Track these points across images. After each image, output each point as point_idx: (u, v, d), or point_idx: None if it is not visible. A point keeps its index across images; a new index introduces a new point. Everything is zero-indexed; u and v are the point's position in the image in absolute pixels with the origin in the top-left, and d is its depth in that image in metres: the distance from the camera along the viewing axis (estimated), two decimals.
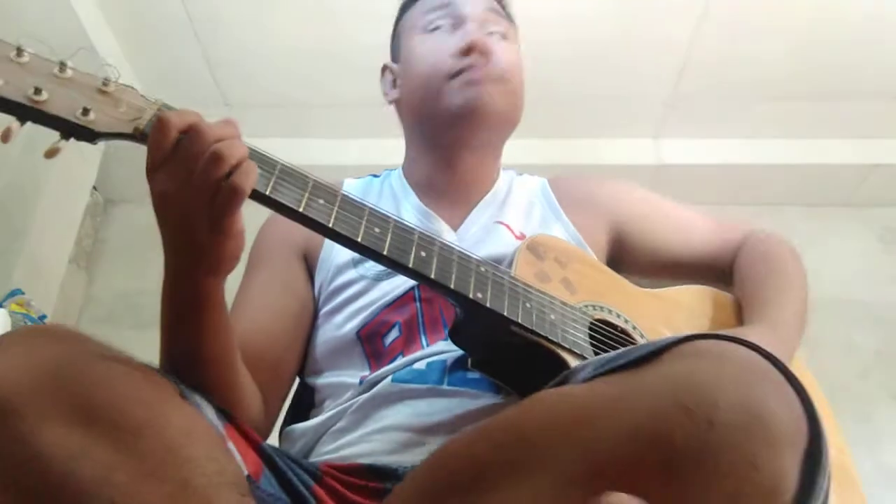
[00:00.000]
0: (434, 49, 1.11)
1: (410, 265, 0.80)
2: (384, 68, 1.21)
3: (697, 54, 2.06)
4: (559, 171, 2.15)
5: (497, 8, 1.16)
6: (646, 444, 0.53)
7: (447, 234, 1.07)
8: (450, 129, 1.11)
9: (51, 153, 0.70)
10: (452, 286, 0.82)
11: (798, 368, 0.91)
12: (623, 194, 1.20)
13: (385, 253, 0.79)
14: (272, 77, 2.16)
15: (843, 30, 1.97)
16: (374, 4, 1.94)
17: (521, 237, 1.06)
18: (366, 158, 2.17)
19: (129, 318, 2.22)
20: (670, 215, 1.20)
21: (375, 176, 1.22)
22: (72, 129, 0.70)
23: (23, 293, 1.81)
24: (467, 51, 1.07)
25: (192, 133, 0.71)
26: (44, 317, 1.81)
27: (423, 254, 0.81)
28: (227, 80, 2.17)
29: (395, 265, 0.81)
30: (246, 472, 0.68)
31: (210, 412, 0.70)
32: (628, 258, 1.15)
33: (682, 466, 0.51)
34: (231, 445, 0.69)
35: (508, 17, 1.19)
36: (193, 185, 0.70)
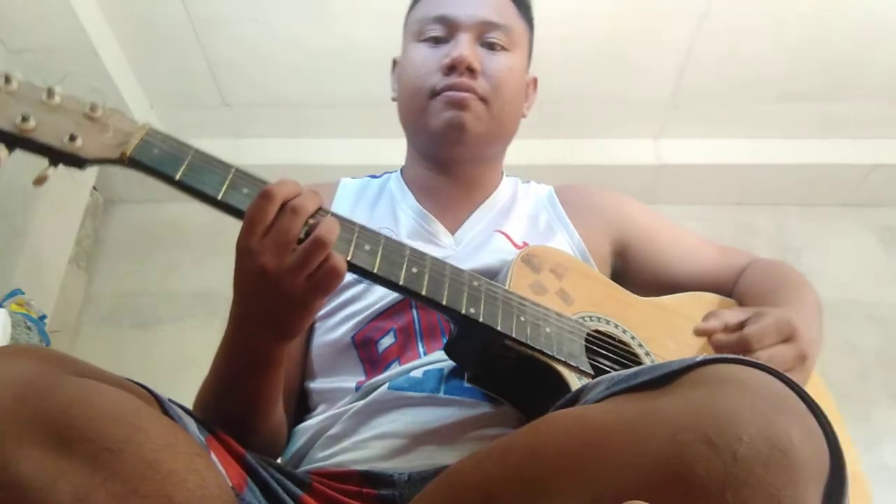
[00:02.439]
0: (422, 62, 1.08)
1: (401, 282, 0.79)
2: (394, 62, 1.20)
3: (697, 54, 2.05)
4: (559, 172, 2.16)
5: (494, 19, 1.09)
6: (667, 473, 0.52)
7: (444, 238, 1.06)
8: (435, 146, 1.11)
9: (39, 181, 0.70)
10: (444, 302, 0.81)
11: (814, 379, 0.90)
12: (632, 211, 1.19)
13: (376, 271, 0.78)
14: (272, 77, 2.16)
15: (842, 30, 1.97)
16: (373, 4, 1.94)
17: (523, 246, 1.05)
18: (364, 158, 2.17)
19: (129, 318, 2.22)
20: (676, 237, 1.18)
21: (374, 177, 1.21)
22: (59, 156, 0.71)
23: (23, 293, 1.81)
24: (451, 68, 1.04)
25: (293, 208, 0.73)
26: (44, 317, 1.81)
27: (414, 270, 0.81)
28: (227, 80, 2.17)
29: (386, 283, 0.80)
30: (230, 484, 0.67)
31: (192, 424, 0.70)
32: (631, 275, 1.14)
33: (704, 499, 0.51)
34: (214, 458, 0.68)
35: (521, 18, 1.14)
36: (294, 266, 0.72)
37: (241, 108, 2.24)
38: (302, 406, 1.02)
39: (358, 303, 1.00)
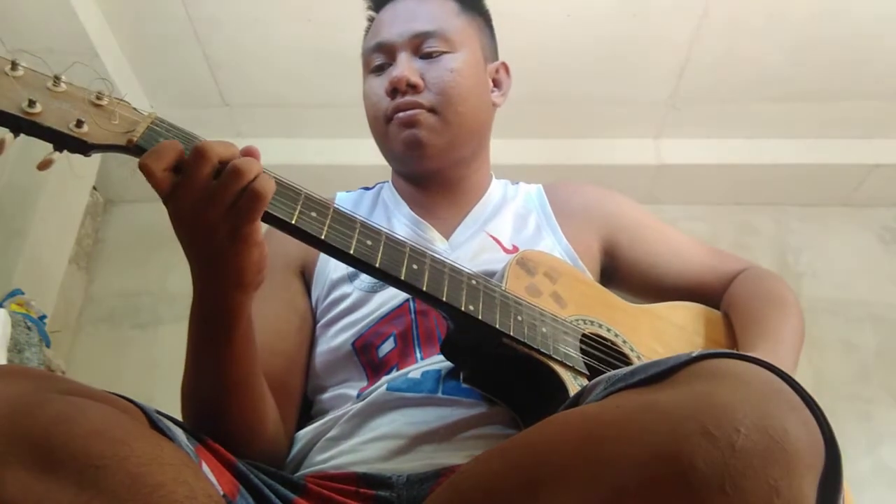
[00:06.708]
0: (372, 91, 1.12)
1: (402, 277, 0.80)
2: None
3: (697, 54, 2.05)
4: (559, 172, 2.16)
5: (425, 27, 1.10)
6: (667, 466, 0.52)
7: (439, 243, 1.07)
8: (405, 167, 1.13)
9: (44, 165, 0.71)
10: (444, 298, 0.82)
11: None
12: (620, 209, 1.19)
13: (377, 265, 0.79)
14: (272, 77, 2.16)
15: (843, 29, 1.97)
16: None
17: (513, 250, 1.06)
18: (364, 158, 2.16)
19: (129, 318, 2.22)
20: (667, 238, 1.19)
21: (368, 188, 1.22)
22: (65, 141, 0.71)
23: (23, 293, 1.81)
24: (394, 90, 1.07)
25: (198, 155, 0.71)
26: (44, 317, 1.81)
27: (414, 266, 0.81)
28: (227, 80, 2.17)
29: (388, 277, 0.81)
30: (221, 493, 0.68)
31: (181, 435, 0.70)
32: (620, 274, 1.15)
33: (704, 490, 0.51)
34: (205, 467, 0.69)
35: (463, 13, 1.15)
36: (211, 199, 0.71)
37: (241, 108, 2.24)
38: (305, 415, 1.02)
39: (358, 311, 1.01)
